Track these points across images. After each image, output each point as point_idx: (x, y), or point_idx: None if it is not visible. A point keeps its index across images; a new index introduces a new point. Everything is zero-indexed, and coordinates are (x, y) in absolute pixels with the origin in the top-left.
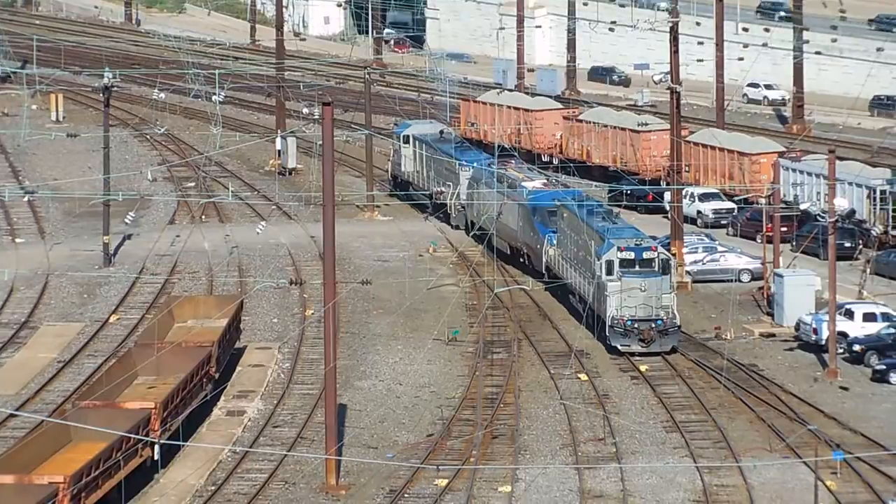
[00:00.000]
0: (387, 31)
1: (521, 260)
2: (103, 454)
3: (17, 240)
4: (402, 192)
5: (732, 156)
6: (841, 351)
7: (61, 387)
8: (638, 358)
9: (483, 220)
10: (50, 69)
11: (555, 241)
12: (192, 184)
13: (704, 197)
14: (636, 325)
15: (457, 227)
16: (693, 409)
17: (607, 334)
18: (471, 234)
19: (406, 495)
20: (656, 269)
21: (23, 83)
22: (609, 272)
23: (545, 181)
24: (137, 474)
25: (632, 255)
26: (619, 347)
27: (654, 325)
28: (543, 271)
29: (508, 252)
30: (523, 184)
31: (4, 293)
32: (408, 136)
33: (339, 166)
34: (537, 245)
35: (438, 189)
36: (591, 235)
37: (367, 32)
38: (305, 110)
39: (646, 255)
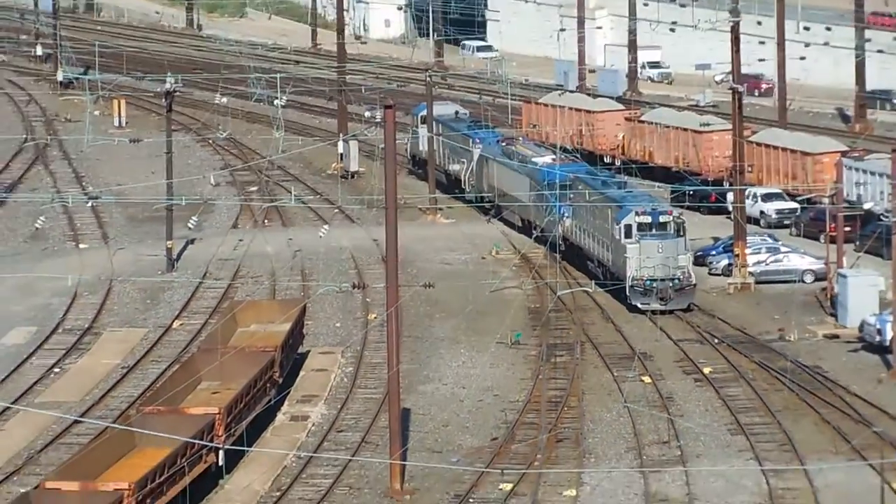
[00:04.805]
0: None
1: (534, 232)
2: (168, 460)
3: (81, 245)
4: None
5: (795, 155)
6: None
7: (125, 393)
8: (703, 361)
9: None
10: (112, 75)
11: (570, 213)
12: (255, 188)
13: (767, 197)
14: (655, 285)
15: (470, 202)
16: (757, 412)
17: (628, 294)
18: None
19: (471, 499)
20: (672, 231)
21: (85, 89)
22: (628, 235)
23: (554, 157)
24: (202, 480)
25: (649, 219)
26: (640, 306)
27: (671, 284)
28: (560, 242)
29: (520, 224)
30: (534, 159)
31: (68, 299)
32: (424, 117)
33: (402, 169)
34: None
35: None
36: (609, 204)
37: (427, 35)
38: (367, 113)
39: (662, 218)
